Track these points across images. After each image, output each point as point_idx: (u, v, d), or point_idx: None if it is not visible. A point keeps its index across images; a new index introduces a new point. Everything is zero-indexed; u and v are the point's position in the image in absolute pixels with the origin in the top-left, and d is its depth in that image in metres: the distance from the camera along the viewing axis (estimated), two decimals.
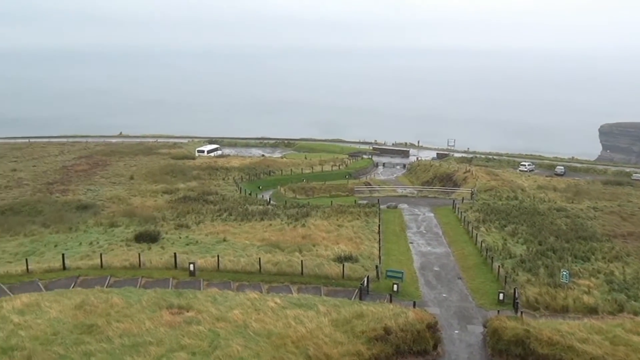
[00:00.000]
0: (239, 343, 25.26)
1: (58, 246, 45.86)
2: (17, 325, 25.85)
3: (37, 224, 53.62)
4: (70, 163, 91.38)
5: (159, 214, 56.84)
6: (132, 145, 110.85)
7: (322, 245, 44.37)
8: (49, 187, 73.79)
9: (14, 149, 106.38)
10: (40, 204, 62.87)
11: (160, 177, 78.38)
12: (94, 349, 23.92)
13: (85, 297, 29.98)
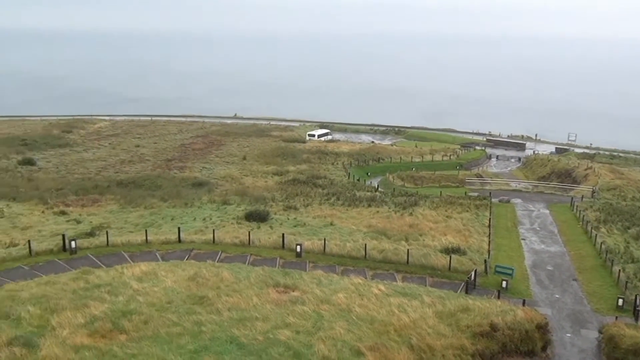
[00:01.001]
0: (342, 326, 25.35)
1: (174, 220, 48.21)
2: (136, 291, 27.41)
3: (156, 198, 56.61)
4: (187, 141, 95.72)
5: (269, 194, 58.23)
6: (245, 126, 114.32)
7: (429, 235, 43.60)
8: (168, 163, 77.72)
9: (138, 126, 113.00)
10: (160, 179, 66.36)
11: (272, 159, 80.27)
12: (204, 320, 24.86)
13: (197, 269, 31.27)
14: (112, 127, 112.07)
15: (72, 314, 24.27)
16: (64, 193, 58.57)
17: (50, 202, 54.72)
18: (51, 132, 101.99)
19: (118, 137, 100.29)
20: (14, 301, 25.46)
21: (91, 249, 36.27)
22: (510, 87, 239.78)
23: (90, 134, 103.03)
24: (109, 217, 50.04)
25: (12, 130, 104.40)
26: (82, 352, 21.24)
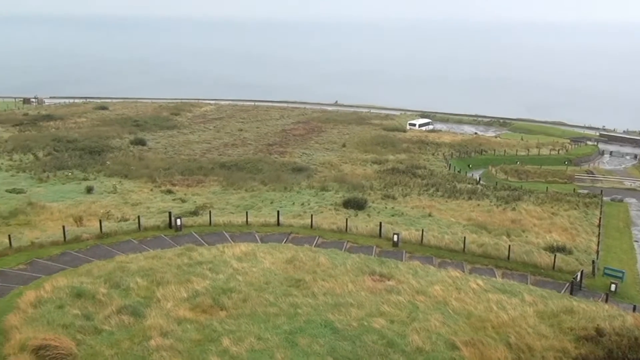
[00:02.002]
0: (437, 319, 24.85)
1: (274, 203, 49.22)
2: (236, 270, 28.20)
3: (257, 181, 58.04)
4: (289, 127, 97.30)
5: (367, 182, 58.15)
6: (346, 114, 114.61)
7: (532, 231, 41.94)
8: (269, 148, 79.38)
9: (242, 111, 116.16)
10: (261, 163, 67.93)
11: (371, 147, 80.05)
12: (300, 302, 25.17)
13: (295, 253, 31.71)
14: (217, 111, 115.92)
15: (176, 288, 25.33)
16: (171, 173, 61.30)
17: (158, 181, 57.46)
18: (161, 114, 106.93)
19: (222, 120, 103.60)
20: (123, 272, 26.91)
21: (195, 227, 37.68)
22: (630, 79, 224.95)
23: (196, 117, 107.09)
24: (211, 198, 51.87)
25: (125, 112, 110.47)
26: (184, 324, 22.12)
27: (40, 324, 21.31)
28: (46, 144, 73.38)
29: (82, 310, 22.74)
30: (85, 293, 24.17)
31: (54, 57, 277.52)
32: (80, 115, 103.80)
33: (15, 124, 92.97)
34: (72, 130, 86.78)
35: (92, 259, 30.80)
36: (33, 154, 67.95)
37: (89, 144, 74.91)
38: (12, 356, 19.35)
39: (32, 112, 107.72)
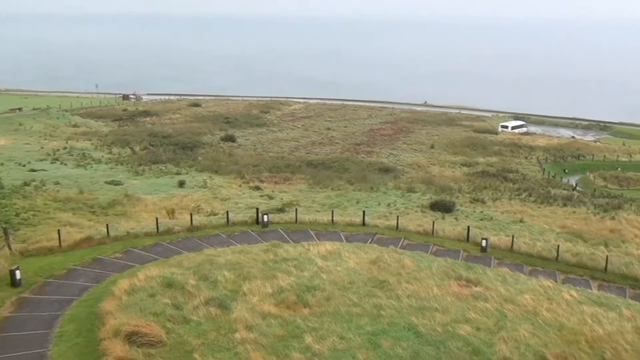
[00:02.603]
0: (526, 329, 23.87)
1: (359, 203, 49.06)
2: (320, 269, 28.26)
3: (343, 180, 58.11)
4: (376, 127, 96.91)
5: (456, 185, 56.94)
6: (435, 114, 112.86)
7: (633, 242, 39.56)
8: (356, 147, 79.34)
9: (330, 110, 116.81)
10: (348, 162, 67.99)
11: (460, 149, 78.39)
12: (383, 304, 24.90)
13: (380, 254, 31.41)
14: (305, 110, 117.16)
15: (262, 283, 25.69)
16: (259, 170, 62.46)
17: (246, 177, 58.70)
18: (251, 111, 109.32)
19: (311, 119, 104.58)
20: (212, 265, 27.60)
21: (281, 224, 38.14)
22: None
23: (285, 115, 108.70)
24: (298, 196, 52.39)
25: (217, 109, 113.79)
26: (269, 319, 22.38)
27: (133, 311, 22.17)
28: (142, 139, 76.75)
29: (172, 299, 23.49)
30: (175, 283, 24.96)
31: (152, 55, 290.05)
32: (175, 112, 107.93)
33: (115, 119, 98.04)
34: (166, 126, 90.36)
35: (183, 250, 31.81)
36: (130, 148, 71.23)
37: (182, 139, 77.68)
38: (106, 340, 20.26)
39: (131, 108, 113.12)
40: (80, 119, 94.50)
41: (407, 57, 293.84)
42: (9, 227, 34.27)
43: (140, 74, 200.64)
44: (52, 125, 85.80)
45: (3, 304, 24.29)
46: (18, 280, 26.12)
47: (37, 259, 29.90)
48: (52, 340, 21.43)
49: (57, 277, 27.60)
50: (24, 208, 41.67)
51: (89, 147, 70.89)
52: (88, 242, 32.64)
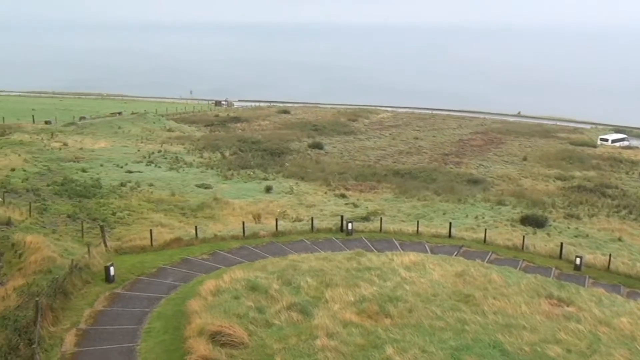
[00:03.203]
0: (622, 354, 22.40)
1: (446, 214, 48.06)
2: (403, 279, 27.83)
3: (429, 191, 57.16)
4: (466, 137, 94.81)
5: (549, 199, 54.67)
6: (529, 125, 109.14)
7: None
8: (444, 157, 77.89)
9: (418, 119, 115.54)
10: (435, 172, 66.85)
11: (555, 162, 75.26)
12: (467, 319, 24.14)
13: (465, 267, 30.56)
14: (393, 118, 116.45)
15: (344, 291, 25.58)
16: (345, 177, 62.52)
17: (332, 185, 58.90)
18: (339, 119, 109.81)
19: (398, 128, 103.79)
20: (295, 270, 27.78)
21: (365, 233, 37.96)
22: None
23: (373, 124, 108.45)
24: (383, 205, 51.99)
25: (305, 116, 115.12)
26: (350, 328, 22.21)
27: (218, 311, 22.62)
28: (232, 144, 78.77)
29: (256, 303, 23.78)
30: (259, 287, 25.28)
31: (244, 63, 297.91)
32: (264, 118, 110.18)
33: (207, 124, 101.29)
34: (256, 132, 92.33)
35: (267, 255, 32.26)
36: (221, 153, 73.27)
37: (271, 145, 79.08)
38: (191, 339, 20.78)
39: (222, 113, 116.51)
40: (174, 124, 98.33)
41: (501, 66, 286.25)
42: (106, 225, 36.04)
43: (232, 81, 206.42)
44: (149, 129, 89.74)
45: (97, 298, 25.49)
46: (112, 277, 27.34)
47: (129, 257, 31.22)
48: (141, 336, 22.23)
49: (148, 275, 28.68)
50: (120, 207, 43.69)
51: (181, 151, 73.55)
52: (178, 242, 33.76)
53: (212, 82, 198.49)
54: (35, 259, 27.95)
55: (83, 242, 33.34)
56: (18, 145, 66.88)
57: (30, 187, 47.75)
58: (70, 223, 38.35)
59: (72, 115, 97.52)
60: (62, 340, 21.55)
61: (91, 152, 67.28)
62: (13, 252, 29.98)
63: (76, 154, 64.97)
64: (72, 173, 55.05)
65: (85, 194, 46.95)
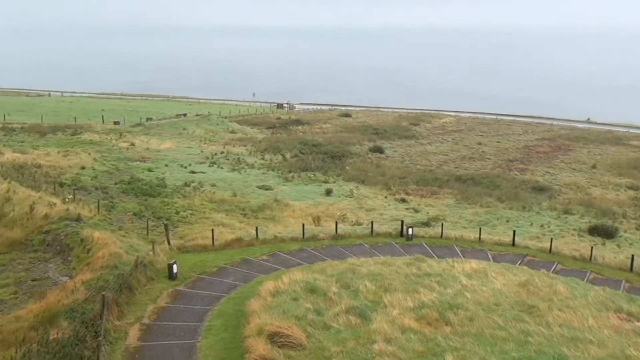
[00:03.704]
0: None
1: (509, 222, 46.91)
2: (464, 287, 27.25)
3: (492, 197, 55.95)
4: (532, 143, 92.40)
5: (620, 209, 52.63)
6: (599, 132, 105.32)
7: None
8: (509, 164, 76.12)
9: (482, 124, 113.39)
10: (499, 179, 65.41)
11: (627, 171, 72.36)
12: (531, 330, 23.43)
13: (529, 277, 29.66)
14: (456, 123, 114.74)
15: (403, 297, 25.27)
16: (406, 182, 61.96)
17: (393, 189, 58.49)
18: (400, 123, 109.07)
19: (461, 133, 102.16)
20: (354, 274, 27.65)
21: (425, 239, 37.43)
22: None
23: (435, 128, 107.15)
24: (444, 210, 51.22)
25: (367, 120, 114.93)
26: (408, 334, 21.90)
27: (277, 312, 22.74)
28: (293, 147, 79.38)
29: (314, 305, 23.79)
30: (317, 289, 25.28)
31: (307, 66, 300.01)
32: (326, 122, 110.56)
33: (269, 126, 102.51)
34: (317, 135, 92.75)
35: (326, 257, 32.25)
36: (282, 155, 73.94)
37: (331, 148, 79.24)
38: (250, 338, 20.97)
39: (284, 116, 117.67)
40: (237, 126, 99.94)
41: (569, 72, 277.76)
42: (170, 223, 36.90)
43: (295, 84, 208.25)
44: (212, 130, 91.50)
45: (160, 295, 26.10)
46: (174, 274, 27.95)
47: (192, 255, 31.84)
48: (202, 333, 22.61)
49: (209, 274, 29.16)
50: (183, 207, 44.70)
51: (243, 153, 74.64)
52: (238, 242, 34.19)
53: (274, 85, 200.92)
54: (102, 255, 28.90)
55: (148, 240, 34.26)
56: (88, 144, 69.48)
57: (99, 185, 49.51)
58: (136, 221, 39.54)
59: (139, 116, 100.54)
60: (127, 334, 22.16)
61: (157, 152, 69.17)
62: (82, 247, 31.11)
63: (142, 154, 66.94)
64: (138, 172, 56.72)
65: (150, 192, 48.28)
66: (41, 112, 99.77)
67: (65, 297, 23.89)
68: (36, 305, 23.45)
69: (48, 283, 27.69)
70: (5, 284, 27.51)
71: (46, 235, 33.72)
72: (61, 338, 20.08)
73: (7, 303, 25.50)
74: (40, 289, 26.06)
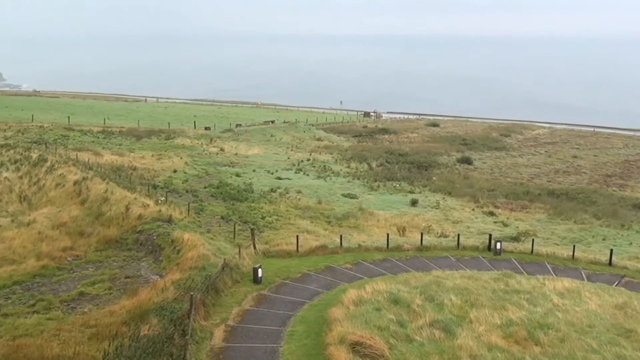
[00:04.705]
0: None
1: (606, 240, 44.56)
2: (555, 306, 26.02)
3: (588, 214, 53.36)
4: (632, 158, 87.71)
5: None
6: None
7: None
8: (606, 179, 72.51)
9: (578, 137, 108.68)
10: (595, 194, 62.37)
11: None
12: (628, 355, 22.03)
13: (627, 299, 27.96)
14: (550, 135, 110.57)
15: (490, 313, 24.44)
16: (495, 195, 60.17)
17: (480, 202, 56.93)
18: (490, 134, 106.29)
19: (555, 145, 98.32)
20: (439, 287, 27.03)
21: (514, 254, 36.13)
22: None
23: (527, 140, 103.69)
24: (535, 225, 49.31)
25: (455, 130, 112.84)
26: (495, 352, 21.12)
27: (359, 321, 22.56)
28: (379, 156, 79.04)
29: (397, 316, 23.43)
30: (401, 300, 24.90)
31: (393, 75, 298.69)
32: (413, 131, 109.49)
33: (355, 135, 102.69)
34: (403, 144, 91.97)
35: (411, 269, 31.76)
36: (367, 164, 73.77)
37: (418, 158, 78.28)
38: (332, 346, 20.90)
39: (370, 125, 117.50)
40: (323, 133, 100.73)
41: None
42: (256, 228, 37.55)
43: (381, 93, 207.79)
44: (299, 137, 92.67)
45: (245, 298, 26.55)
46: (259, 278, 28.37)
47: (276, 260, 32.22)
48: (284, 338, 22.77)
49: (293, 280, 29.40)
50: (269, 212, 45.39)
51: (329, 160, 75.05)
52: (322, 250, 34.29)
53: (361, 94, 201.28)
54: (191, 256, 29.79)
55: (234, 243, 35.00)
56: (180, 148, 72.10)
57: (189, 188, 51.19)
58: (223, 224, 40.53)
59: (229, 122, 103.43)
60: (212, 334, 22.66)
61: (245, 158, 70.79)
62: (172, 247, 32.21)
63: (231, 159, 68.69)
64: (227, 177, 58.21)
65: (238, 197, 49.39)
66: (138, 116, 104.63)
67: (156, 295, 24.75)
68: (129, 301, 24.43)
69: (140, 281, 28.82)
70: (101, 280, 28.88)
71: (139, 234, 35.18)
72: (151, 334, 20.80)
73: (102, 298, 26.74)
74: (133, 286, 27.16)
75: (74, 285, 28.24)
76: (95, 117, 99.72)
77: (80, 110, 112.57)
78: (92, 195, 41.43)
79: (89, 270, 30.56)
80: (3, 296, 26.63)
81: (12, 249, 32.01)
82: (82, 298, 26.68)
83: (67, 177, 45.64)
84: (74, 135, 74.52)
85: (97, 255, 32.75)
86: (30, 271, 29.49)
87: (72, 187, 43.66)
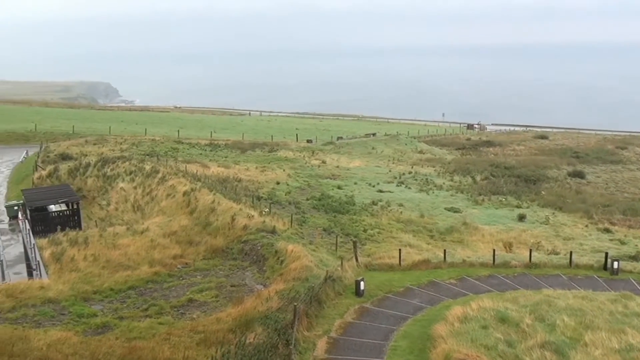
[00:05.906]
0: None
1: None
2: None
3: None
4: None
5: None
6: None
7: None
8: None
9: None
10: None
11: None
12: None
13: None
14: None
15: (607, 336, 22.89)
16: (611, 210, 56.71)
17: (595, 218, 53.80)
18: (604, 146, 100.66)
19: None
20: (550, 307, 25.69)
21: (634, 274, 33.77)
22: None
23: None
24: None
25: (565, 142, 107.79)
26: None
27: (464, 339, 21.85)
28: (484, 169, 76.74)
29: (505, 335, 22.48)
30: (509, 319, 23.89)
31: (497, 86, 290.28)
32: (519, 143, 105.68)
33: (458, 147, 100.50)
34: (509, 157, 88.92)
35: (519, 287, 30.44)
36: (471, 177, 71.81)
37: (525, 172, 75.29)
38: None
39: (474, 137, 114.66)
40: (425, 146, 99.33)
41: None
42: (358, 241, 37.46)
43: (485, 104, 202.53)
44: (400, 150, 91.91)
45: (347, 310, 26.47)
46: (361, 291, 28.21)
47: (378, 274, 31.95)
48: (387, 352, 22.44)
49: (395, 294, 28.99)
50: (371, 225, 45.18)
51: (432, 173, 73.79)
52: (425, 264, 33.66)
53: (464, 106, 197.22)
54: (295, 267, 30.11)
55: (336, 255, 35.08)
56: (283, 161, 73.50)
57: (292, 200, 51.95)
58: (325, 236, 40.76)
59: (331, 135, 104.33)
60: (315, 345, 22.73)
61: (346, 171, 71.01)
62: (276, 258, 32.72)
63: (333, 172, 69.13)
64: (328, 189, 58.60)
65: (339, 209, 49.54)
66: (242, 130, 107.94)
67: (261, 304, 25.18)
68: (234, 309, 24.99)
69: (245, 290, 29.46)
70: (209, 287, 29.78)
71: (244, 244, 36.04)
72: (256, 343, 21.15)
73: (209, 305, 27.55)
74: (238, 295, 27.80)
75: (184, 291, 29.31)
76: (202, 130, 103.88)
77: (188, 124, 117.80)
78: (200, 205, 42.97)
79: (197, 277, 31.62)
80: (119, 300, 28.06)
81: (127, 256, 33.73)
82: (191, 304, 27.61)
83: (177, 188, 47.62)
84: (183, 148, 77.92)
85: (204, 264, 33.85)
86: (144, 277, 30.90)
87: (182, 198, 45.50)
